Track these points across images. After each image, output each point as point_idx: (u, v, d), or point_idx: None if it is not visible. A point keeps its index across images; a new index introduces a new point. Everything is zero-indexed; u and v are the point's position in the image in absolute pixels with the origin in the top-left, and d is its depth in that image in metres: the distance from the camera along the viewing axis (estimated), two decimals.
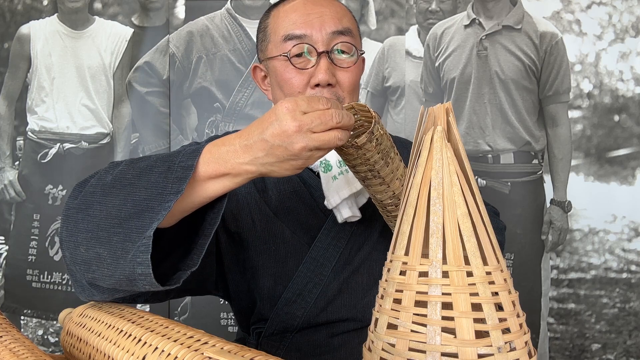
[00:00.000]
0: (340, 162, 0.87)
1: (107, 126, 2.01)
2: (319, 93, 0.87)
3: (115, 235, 0.65)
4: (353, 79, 0.90)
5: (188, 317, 1.95)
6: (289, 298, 0.91)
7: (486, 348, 0.49)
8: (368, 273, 0.92)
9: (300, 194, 0.94)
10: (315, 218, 0.93)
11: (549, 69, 1.92)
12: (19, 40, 2.03)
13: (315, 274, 0.90)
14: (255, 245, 0.93)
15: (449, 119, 0.54)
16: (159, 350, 0.59)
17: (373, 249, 0.93)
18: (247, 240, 0.93)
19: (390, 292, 0.53)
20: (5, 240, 2.04)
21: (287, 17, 0.89)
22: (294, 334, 0.91)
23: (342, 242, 0.91)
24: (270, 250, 0.93)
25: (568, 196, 1.94)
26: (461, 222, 0.51)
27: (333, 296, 0.91)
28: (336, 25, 0.87)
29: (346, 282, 0.91)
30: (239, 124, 1.97)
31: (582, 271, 1.97)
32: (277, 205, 0.94)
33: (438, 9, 1.95)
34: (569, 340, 1.94)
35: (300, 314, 0.90)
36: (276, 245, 0.93)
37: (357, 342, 0.88)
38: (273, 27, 0.91)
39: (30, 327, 2.02)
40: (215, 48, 1.97)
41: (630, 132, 1.98)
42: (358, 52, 0.90)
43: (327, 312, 0.91)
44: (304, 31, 0.87)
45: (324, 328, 0.91)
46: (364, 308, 0.91)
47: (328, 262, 0.91)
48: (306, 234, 0.92)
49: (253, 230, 0.93)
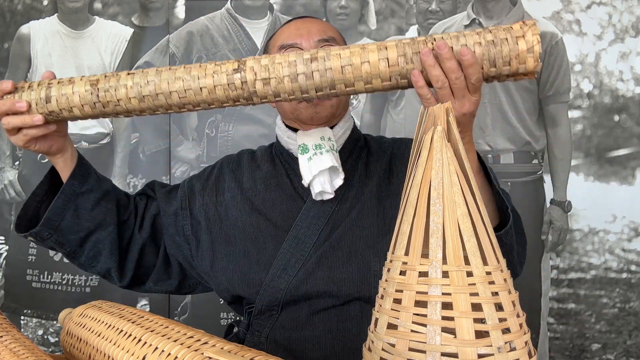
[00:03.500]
0: (316, 145, 1.00)
1: (107, 126, 2.01)
2: None
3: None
4: None
5: (188, 317, 1.95)
6: (275, 273, 1.00)
7: (486, 348, 0.49)
8: (347, 248, 1.00)
9: (283, 186, 1.07)
10: (296, 206, 1.04)
11: (549, 69, 1.92)
12: (19, 40, 2.03)
13: (297, 250, 1.00)
14: (239, 237, 1.05)
15: (449, 119, 0.54)
16: (159, 350, 0.59)
17: (351, 226, 1.01)
18: (233, 235, 1.05)
19: (390, 292, 0.53)
20: (5, 240, 2.04)
21: (282, 34, 1.07)
22: (279, 312, 1.01)
23: (322, 220, 1.01)
24: (252, 239, 1.04)
25: (568, 196, 1.94)
26: (461, 222, 0.51)
27: (312, 269, 0.99)
28: (321, 35, 1.03)
29: (325, 255, 1.00)
30: (238, 124, 1.97)
31: (582, 271, 1.97)
32: (263, 197, 1.07)
33: (438, 9, 1.95)
34: (569, 340, 1.94)
35: (284, 287, 0.99)
36: (256, 234, 1.04)
37: (335, 319, 0.98)
38: (273, 43, 1.08)
39: (30, 327, 2.02)
40: (215, 48, 1.97)
41: (630, 132, 1.98)
42: None
43: (308, 283, 0.99)
44: (295, 40, 1.03)
45: (305, 305, 1.00)
46: (340, 282, 0.98)
47: (308, 239, 1.01)
48: (287, 221, 1.03)
49: (237, 227, 1.06)
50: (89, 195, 1.00)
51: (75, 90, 0.85)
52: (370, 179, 1.05)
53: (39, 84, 0.88)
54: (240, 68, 0.79)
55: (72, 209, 0.99)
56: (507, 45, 0.75)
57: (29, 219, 1.01)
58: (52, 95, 0.86)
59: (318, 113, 1.01)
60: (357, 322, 0.97)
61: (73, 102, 0.85)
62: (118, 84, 0.84)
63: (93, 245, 1.03)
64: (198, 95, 0.81)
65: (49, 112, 0.87)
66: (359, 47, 0.78)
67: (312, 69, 0.78)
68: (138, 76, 0.83)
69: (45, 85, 0.87)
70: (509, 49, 0.75)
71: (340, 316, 0.98)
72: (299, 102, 1.01)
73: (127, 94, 0.83)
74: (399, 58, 0.76)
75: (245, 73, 0.79)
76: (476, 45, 0.75)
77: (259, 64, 0.79)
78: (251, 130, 1.96)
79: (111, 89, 0.83)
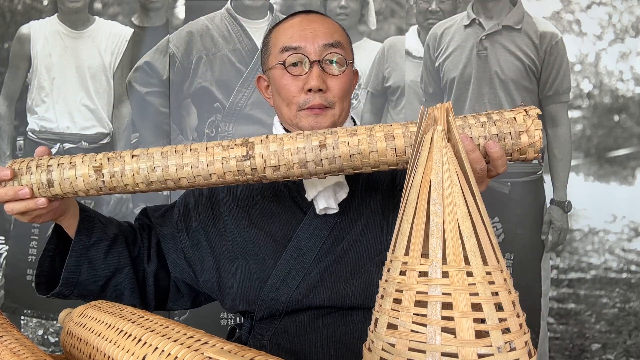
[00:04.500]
0: None
1: (107, 126, 2.01)
2: (312, 97, 0.98)
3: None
4: (342, 86, 1.00)
5: (188, 317, 1.95)
6: (273, 284, 0.99)
7: (486, 348, 0.49)
8: (351, 263, 0.98)
9: (281, 197, 1.04)
10: (295, 219, 1.02)
11: (549, 69, 1.92)
12: (19, 40, 2.03)
13: (297, 262, 0.99)
14: (239, 253, 1.03)
15: (449, 119, 0.54)
16: (159, 350, 0.59)
17: (355, 241, 1.00)
18: (233, 251, 1.04)
19: (390, 292, 0.53)
20: (5, 240, 2.04)
21: (285, 33, 1.02)
22: (282, 317, 1.00)
23: (324, 232, 1.00)
24: (252, 255, 1.02)
25: (568, 196, 1.94)
26: (461, 222, 0.51)
27: (315, 283, 0.98)
28: (327, 39, 0.99)
29: (327, 270, 0.98)
30: (239, 124, 1.97)
31: (582, 271, 1.97)
32: (260, 208, 1.05)
33: (438, 9, 1.95)
34: (569, 340, 1.94)
35: (284, 299, 0.98)
36: (256, 250, 1.02)
37: (339, 323, 0.98)
38: (274, 42, 1.03)
39: (30, 327, 2.02)
40: (215, 48, 1.97)
41: (630, 132, 1.98)
42: (347, 62, 1.02)
43: (310, 298, 0.98)
44: (299, 44, 0.99)
45: (308, 312, 0.99)
46: (344, 297, 0.97)
47: (310, 251, 0.99)
48: (286, 235, 1.01)
49: (237, 242, 1.04)
50: (99, 245, 1.00)
51: (79, 175, 0.83)
52: (374, 191, 1.04)
53: (37, 166, 0.86)
54: (249, 154, 0.79)
55: (86, 263, 0.99)
56: (510, 139, 0.77)
57: (47, 275, 1.01)
58: (54, 180, 0.84)
59: (319, 124, 0.99)
60: (360, 326, 0.96)
61: (78, 187, 0.84)
62: (124, 168, 0.82)
63: (114, 288, 1.04)
64: (207, 180, 0.81)
65: (53, 195, 0.86)
66: (367, 134, 0.78)
67: (321, 157, 0.78)
68: (144, 160, 0.82)
69: (44, 169, 0.85)
70: (511, 143, 0.77)
71: (344, 321, 0.98)
72: (299, 109, 0.99)
73: (134, 179, 0.82)
74: (406, 148, 0.77)
75: (255, 160, 0.79)
76: (480, 138, 0.77)
77: (267, 149, 0.79)
78: (251, 130, 1.96)
79: (117, 174, 0.83)
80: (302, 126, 1.00)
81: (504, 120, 0.78)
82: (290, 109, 1.00)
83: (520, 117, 0.78)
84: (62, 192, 0.85)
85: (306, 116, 0.99)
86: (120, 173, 0.82)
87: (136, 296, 1.05)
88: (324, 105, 0.98)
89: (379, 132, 0.78)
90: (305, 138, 0.79)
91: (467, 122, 0.78)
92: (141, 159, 0.82)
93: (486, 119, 0.78)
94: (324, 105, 0.98)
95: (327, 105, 0.98)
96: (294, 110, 1.00)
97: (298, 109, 0.99)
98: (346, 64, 1.01)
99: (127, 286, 1.04)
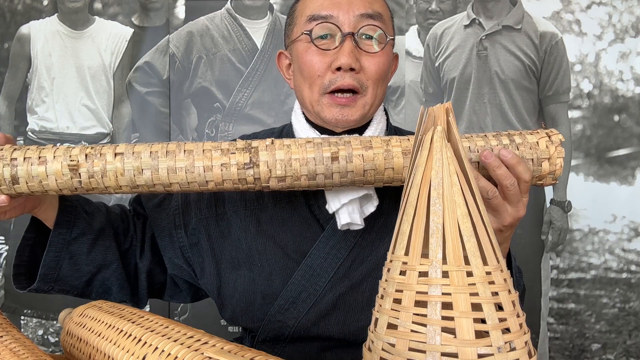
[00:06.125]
0: None
1: (107, 126, 2.01)
2: (340, 78, 0.81)
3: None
4: (379, 67, 0.83)
5: (188, 317, 1.95)
6: (282, 305, 0.87)
7: (486, 348, 0.49)
8: (369, 292, 0.85)
9: (296, 204, 0.89)
10: (311, 232, 0.87)
11: (549, 69, 1.92)
12: (19, 40, 2.03)
13: (310, 283, 0.85)
14: (243, 261, 0.90)
15: (449, 119, 0.54)
16: (159, 350, 0.59)
17: (376, 266, 0.85)
18: (237, 258, 0.91)
19: (390, 292, 0.53)
20: (5, 240, 2.04)
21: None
22: (286, 343, 0.88)
23: (342, 252, 0.85)
24: (258, 267, 0.89)
25: (568, 196, 1.94)
26: (461, 222, 0.51)
27: (327, 311, 0.86)
28: (365, 8, 0.82)
29: (342, 297, 0.85)
30: (239, 124, 1.97)
31: (582, 271, 1.97)
32: (271, 214, 0.89)
33: (438, 9, 1.95)
34: (569, 340, 1.94)
35: (292, 324, 0.86)
36: (262, 262, 0.89)
37: (350, 358, 0.85)
38: (300, 10, 0.86)
39: (30, 327, 2.02)
40: (215, 48, 1.97)
41: (630, 132, 1.98)
42: (388, 40, 0.84)
43: (319, 327, 0.86)
44: (330, 12, 0.81)
45: (316, 342, 0.88)
46: (357, 330, 0.85)
47: (325, 273, 0.85)
48: (300, 249, 0.87)
49: (241, 249, 0.91)
50: (82, 239, 0.87)
51: (51, 173, 0.71)
52: None
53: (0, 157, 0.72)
54: (253, 162, 0.71)
55: (67, 258, 0.87)
56: (532, 165, 0.75)
57: (27, 266, 0.90)
58: (19, 177, 0.72)
59: (346, 116, 0.82)
60: None
61: (49, 186, 0.72)
62: (105, 168, 0.71)
63: (100, 283, 0.91)
64: (203, 187, 0.72)
65: (17, 193, 0.74)
66: (383, 148, 0.72)
67: (332, 170, 0.71)
68: (130, 161, 0.71)
69: (7, 162, 0.72)
70: (532, 169, 0.75)
71: (357, 355, 0.86)
72: (323, 93, 0.83)
73: (117, 182, 0.71)
74: None
75: (259, 168, 0.71)
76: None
77: (273, 158, 0.71)
78: (251, 130, 1.96)
79: (97, 174, 0.71)
80: (325, 117, 0.84)
81: (526, 144, 0.75)
82: (312, 92, 0.83)
83: (543, 143, 0.75)
84: (28, 190, 0.73)
85: (329, 106, 0.82)
86: (100, 174, 0.71)
87: (126, 292, 0.93)
88: (354, 86, 0.81)
89: (396, 147, 0.72)
90: (315, 148, 0.71)
91: (489, 143, 0.75)
92: (126, 159, 0.71)
93: (508, 141, 0.75)
94: (354, 88, 0.81)
95: (358, 87, 0.81)
96: (317, 93, 0.83)
97: (322, 92, 0.82)
98: (386, 41, 0.84)
99: (115, 282, 0.91)
